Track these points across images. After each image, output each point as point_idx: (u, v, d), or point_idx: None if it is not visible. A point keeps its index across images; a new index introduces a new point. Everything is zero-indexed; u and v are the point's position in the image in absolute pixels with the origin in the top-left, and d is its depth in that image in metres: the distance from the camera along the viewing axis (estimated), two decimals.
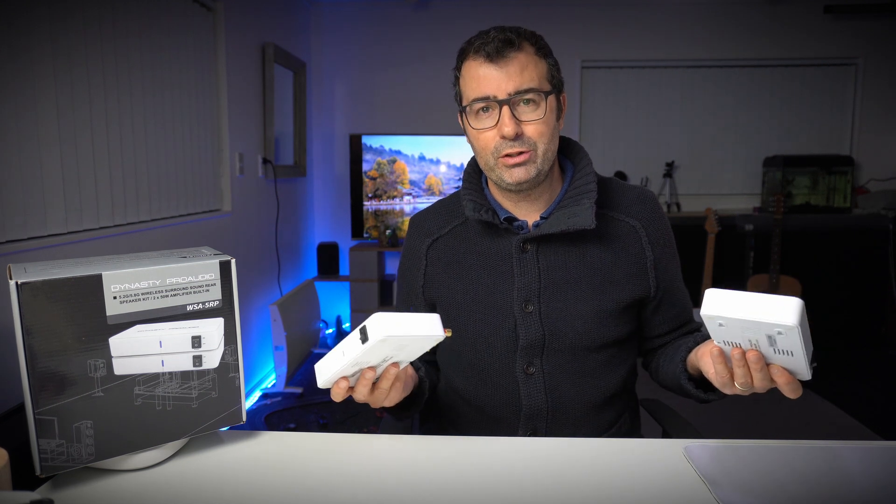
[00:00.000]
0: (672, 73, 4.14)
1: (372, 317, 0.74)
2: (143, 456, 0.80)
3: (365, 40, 4.14)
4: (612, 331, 1.05)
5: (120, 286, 0.75)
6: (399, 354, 0.81)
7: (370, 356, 0.78)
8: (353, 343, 0.76)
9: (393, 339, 0.75)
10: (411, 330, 0.76)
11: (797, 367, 0.72)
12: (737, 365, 0.75)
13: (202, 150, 2.67)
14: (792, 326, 0.65)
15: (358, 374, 0.82)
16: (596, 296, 1.04)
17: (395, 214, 3.98)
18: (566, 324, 1.03)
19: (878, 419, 2.81)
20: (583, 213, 1.00)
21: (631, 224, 1.07)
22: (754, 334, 0.70)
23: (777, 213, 3.54)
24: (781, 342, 0.69)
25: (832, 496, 0.72)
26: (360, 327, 0.75)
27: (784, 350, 0.70)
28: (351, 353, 0.76)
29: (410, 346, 0.80)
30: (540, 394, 1.05)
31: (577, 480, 0.77)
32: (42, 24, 1.68)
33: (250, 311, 3.14)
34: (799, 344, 0.67)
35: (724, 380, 0.78)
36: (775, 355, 0.72)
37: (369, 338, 0.74)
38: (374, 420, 2.84)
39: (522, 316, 1.04)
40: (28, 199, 1.64)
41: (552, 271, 1.04)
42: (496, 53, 0.96)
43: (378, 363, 0.81)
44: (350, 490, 0.75)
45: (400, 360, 0.84)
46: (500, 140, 0.98)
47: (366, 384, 0.82)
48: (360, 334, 0.75)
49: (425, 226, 1.16)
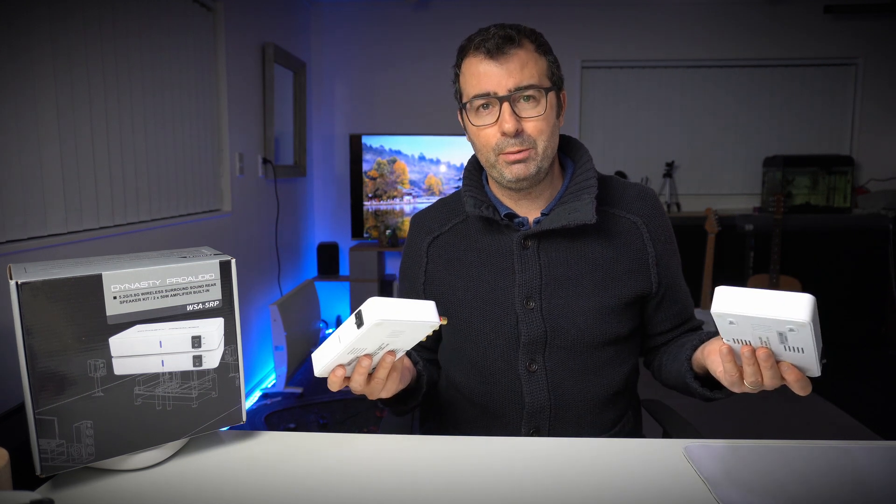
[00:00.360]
0: (672, 73, 4.14)
1: (367, 301, 0.74)
2: (143, 456, 0.80)
3: (365, 40, 4.14)
4: (615, 327, 1.05)
5: (120, 286, 0.75)
6: (395, 342, 0.81)
7: (366, 342, 0.77)
8: (349, 328, 0.75)
9: (388, 324, 0.74)
10: (407, 315, 0.76)
11: (807, 363, 0.71)
12: (747, 363, 0.74)
13: (202, 150, 2.67)
14: (804, 323, 0.64)
15: (355, 363, 0.82)
16: (597, 292, 1.04)
17: (395, 214, 3.98)
18: (568, 320, 1.03)
19: (878, 419, 2.81)
20: (583, 209, 1.00)
21: (632, 220, 1.07)
22: (765, 332, 0.69)
23: (777, 213, 3.54)
24: (793, 339, 0.68)
25: (832, 496, 0.72)
26: (356, 312, 0.75)
27: (795, 347, 0.69)
28: (347, 338, 0.76)
29: (406, 333, 0.79)
30: (543, 391, 1.05)
31: (577, 480, 0.77)
32: (42, 24, 1.68)
33: (250, 311, 3.14)
34: (811, 340, 0.66)
35: (733, 378, 0.77)
36: (786, 352, 0.71)
37: (364, 322, 0.73)
38: (374, 420, 2.84)
39: (524, 312, 1.04)
40: (28, 199, 1.64)
41: (553, 267, 1.04)
42: (496, 50, 0.96)
43: (374, 350, 0.81)
44: (350, 490, 0.75)
45: (396, 348, 0.83)
46: (500, 137, 0.99)
47: (362, 373, 0.82)
48: (356, 319, 0.74)
49: (426, 224, 1.16)
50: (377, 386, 0.84)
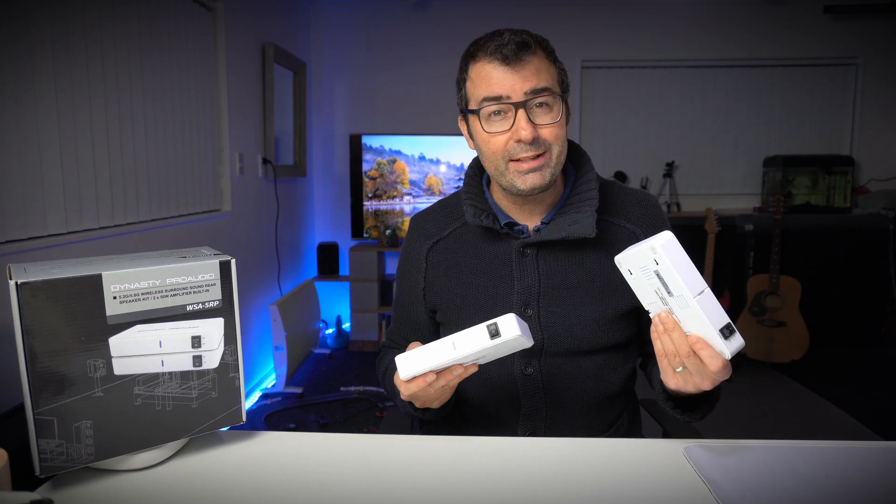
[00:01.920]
0: (672, 73, 4.14)
1: (506, 315, 0.79)
2: (143, 456, 0.80)
3: (365, 40, 4.14)
4: (611, 336, 1.04)
5: (120, 286, 0.75)
6: (491, 355, 0.86)
7: (482, 352, 0.81)
8: (477, 338, 0.79)
9: (514, 340, 0.79)
10: (525, 331, 0.81)
11: (706, 330, 0.74)
12: (654, 336, 0.79)
13: (202, 150, 2.67)
14: (654, 247, 0.72)
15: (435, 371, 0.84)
16: (594, 302, 1.04)
17: (395, 214, 3.98)
18: (565, 329, 1.03)
19: (878, 419, 2.81)
20: (584, 221, 1.00)
21: (631, 230, 1.06)
22: (653, 279, 0.76)
23: (777, 213, 3.54)
24: (666, 277, 0.74)
25: (832, 496, 0.72)
26: (488, 324, 0.79)
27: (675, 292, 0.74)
28: (470, 347, 0.79)
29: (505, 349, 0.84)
30: (538, 394, 1.05)
31: (577, 480, 0.77)
32: (42, 24, 1.68)
33: (250, 311, 3.14)
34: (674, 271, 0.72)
35: (661, 362, 0.81)
36: (679, 310, 0.75)
37: (501, 334, 0.78)
38: (374, 420, 2.84)
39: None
40: (28, 199, 1.64)
41: (552, 276, 1.04)
42: (513, 56, 0.95)
43: (474, 360, 0.84)
44: (350, 490, 0.75)
45: (488, 361, 0.88)
46: (513, 143, 0.97)
47: (450, 379, 0.84)
48: (489, 330, 0.78)
49: (426, 228, 1.15)
50: (444, 394, 0.88)
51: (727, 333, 0.74)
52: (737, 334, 0.75)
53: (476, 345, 0.79)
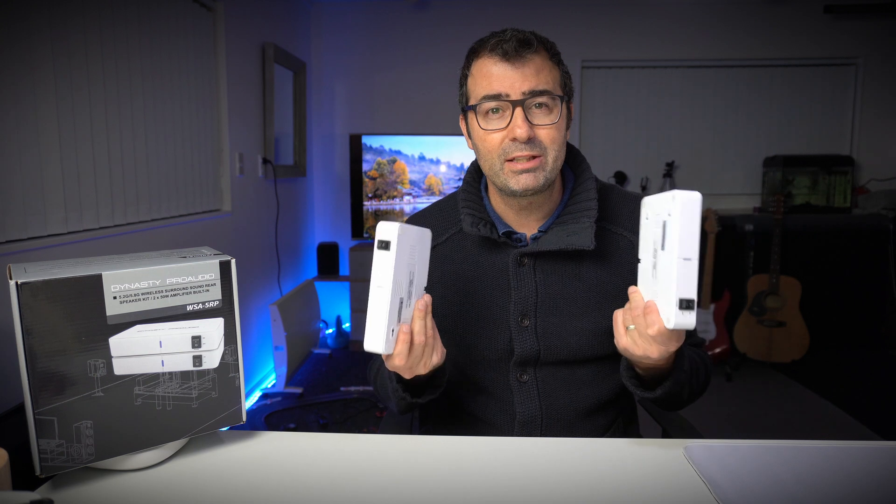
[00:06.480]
0: (672, 73, 4.14)
1: (378, 225, 0.76)
2: (143, 456, 0.80)
3: (365, 40, 4.14)
4: (607, 346, 1.03)
5: (120, 286, 0.75)
6: (414, 267, 0.84)
7: (400, 270, 0.79)
8: (382, 265, 0.76)
9: (405, 236, 0.76)
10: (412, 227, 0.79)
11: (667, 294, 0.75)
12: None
13: (202, 150, 2.67)
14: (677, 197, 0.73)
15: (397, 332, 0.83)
16: (591, 312, 1.03)
17: (395, 214, 3.98)
18: (561, 339, 1.03)
19: (878, 419, 2.80)
20: (582, 233, 0.99)
21: (629, 238, 1.05)
22: (658, 229, 0.77)
23: (777, 213, 3.54)
24: (667, 230, 0.75)
25: (832, 496, 0.72)
26: (375, 243, 0.76)
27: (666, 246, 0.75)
28: (386, 277, 0.77)
29: (419, 252, 0.83)
30: (533, 401, 1.05)
31: (577, 480, 0.77)
32: (42, 24, 1.68)
33: (250, 311, 3.14)
34: (677, 226, 0.73)
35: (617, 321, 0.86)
36: (661, 268, 0.77)
37: (391, 241, 0.75)
38: (374, 420, 2.84)
39: (518, 330, 1.03)
40: (28, 199, 1.64)
41: (549, 286, 1.03)
42: (514, 53, 0.94)
43: (406, 288, 0.83)
44: (350, 490, 0.75)
45: (417, 277, 0.86)
46: (509, 142, 0.96)
47: (405, 340, 0.83)
48: (380, 246, 0.75)
49: None
50: (417, 353, 0.85)
51: (684, 305, 0.74)
52: (692, 312, 0.74)
53: (385, 267, 0.76)
